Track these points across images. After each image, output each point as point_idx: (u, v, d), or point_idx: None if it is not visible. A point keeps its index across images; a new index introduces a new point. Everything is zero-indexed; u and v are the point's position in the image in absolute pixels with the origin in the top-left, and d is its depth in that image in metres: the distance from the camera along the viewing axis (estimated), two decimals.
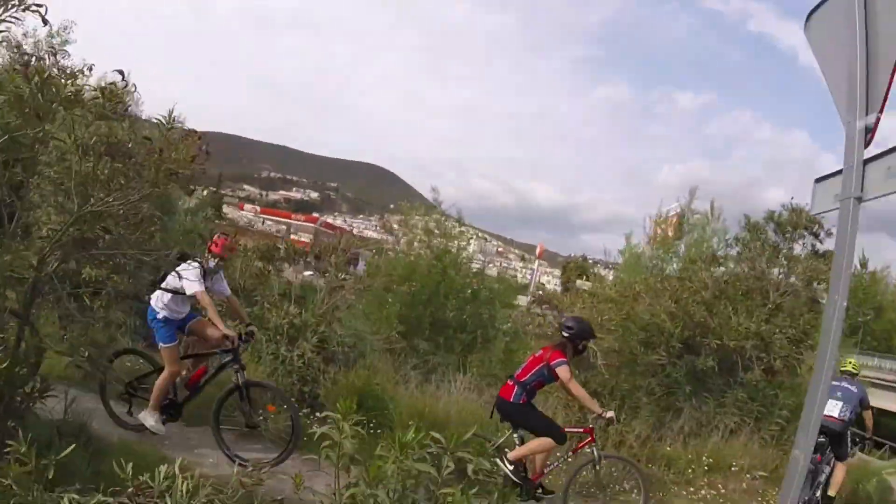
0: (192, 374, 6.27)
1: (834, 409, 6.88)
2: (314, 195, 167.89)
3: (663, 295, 9.13)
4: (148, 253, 7.11)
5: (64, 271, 6.51)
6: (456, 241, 15.45)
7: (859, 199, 3.25)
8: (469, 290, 14.73)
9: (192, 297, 5.95)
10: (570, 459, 6.69)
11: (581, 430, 6.43)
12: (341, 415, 2.85)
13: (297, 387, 7.10)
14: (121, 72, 10.63)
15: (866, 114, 3.20)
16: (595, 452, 6.21)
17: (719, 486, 7.58)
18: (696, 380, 9.26)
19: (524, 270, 72.23)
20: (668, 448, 7.94)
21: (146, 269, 7.75)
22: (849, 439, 7.18)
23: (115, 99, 9.13)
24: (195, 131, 8.94)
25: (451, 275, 14.37)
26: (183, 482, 2.99)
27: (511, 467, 6.03)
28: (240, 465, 5.24)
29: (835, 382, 7.12)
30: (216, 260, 6.17)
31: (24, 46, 12.40)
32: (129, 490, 2.86)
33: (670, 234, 13.86)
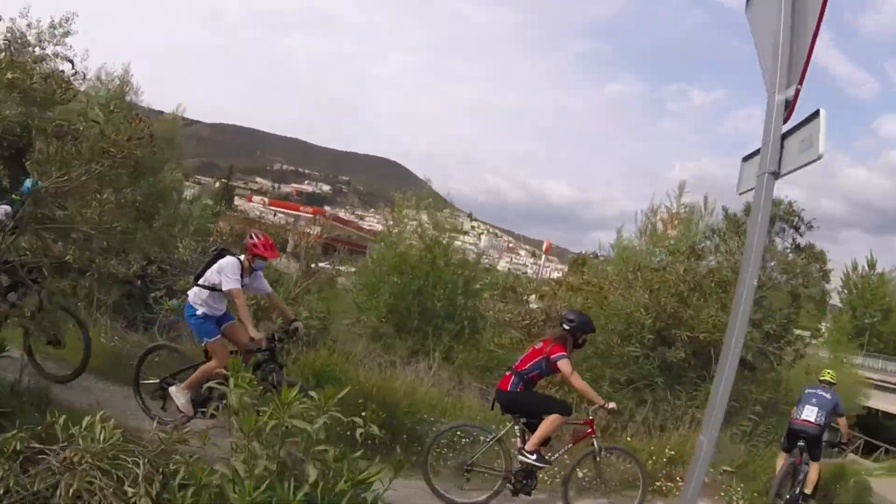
0: (214, 375, 6.00)
1: (811, 414, 7.41)
2: (326, 188, 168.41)
3: (636, 286, 9.13)
4: (100, 227, 7.31)
5: (28, 244, 6.75)
6: (447, 233, 15.56)
7: (775, 174, 3.26)
8: (459, 281, 14.83)
9: (229, 294, 5.89)
10: (569, 451, 6.66)
11: (581, 421, 6.42)
12: (232, 373, 2.93)
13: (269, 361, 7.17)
14: (70, 60, 10.71)
15: (787, 87, 3.23)
16: (595, 444, 6.25)
17: (678, 478, 7.54)
18: (668, 372, 9.28)
19: (534, 266, 72.23)
20: (630, 439, 7.96)
21: (96, 242, 7.96)
22: (823, 442, 7.62)
23: (63, 85, 9.31)
24: (138, 115, 9.09)
25: (440, 265, 14.47)
26: (101, 430, 3.12)
27: (534, 457, 6.05)
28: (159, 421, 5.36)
29: (811, 390, 7.68)
30: (258, 259, 6.04)
31: (28, 37, 12.67)
32: (39, 428, 2.98)
33: (662, 228, 13.85)
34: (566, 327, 6.26)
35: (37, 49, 12.96)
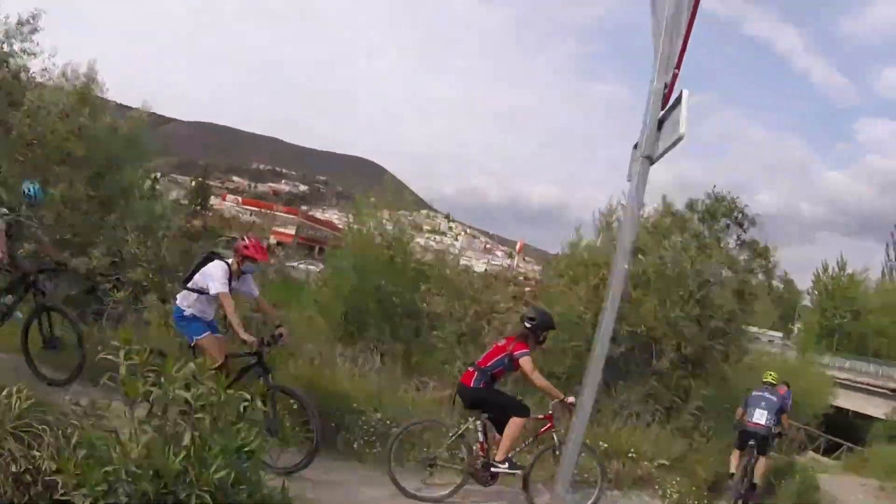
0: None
1: (761, 417, 8.46)
2: (303, 188, 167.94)
3: (578, 282, 9.39)
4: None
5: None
6: (409, 231, 15.75)
7: (649, 158, 3.46)
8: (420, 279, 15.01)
9: (216, 298, 5.90)
10: (529, 446, 6.86)
11: (541, 416, 6.61)
12: (122, 344, 3.11)
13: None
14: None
15: (665, 74, 3.42)
16: (556, 438, 6.46)
17: (609, 471, 7.74)
18: (610, 367, 9.49)
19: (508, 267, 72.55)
20: (562, 432, 8.14)
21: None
22: (772, 440, 8.83)
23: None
24: (65, 112, 9.27)
25: (399, 263, 14.65)
26: (16, 400, 3.34)
27: (506, 465, 6.25)
28: None
29: (758, 393, 8.71)
30: (248, 261, 6.09)
31: None
32: None
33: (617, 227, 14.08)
34: (528, 325, 6.44)
35: (4, 46, 13.11)
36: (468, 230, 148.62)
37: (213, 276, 5.88)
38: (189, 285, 6.04)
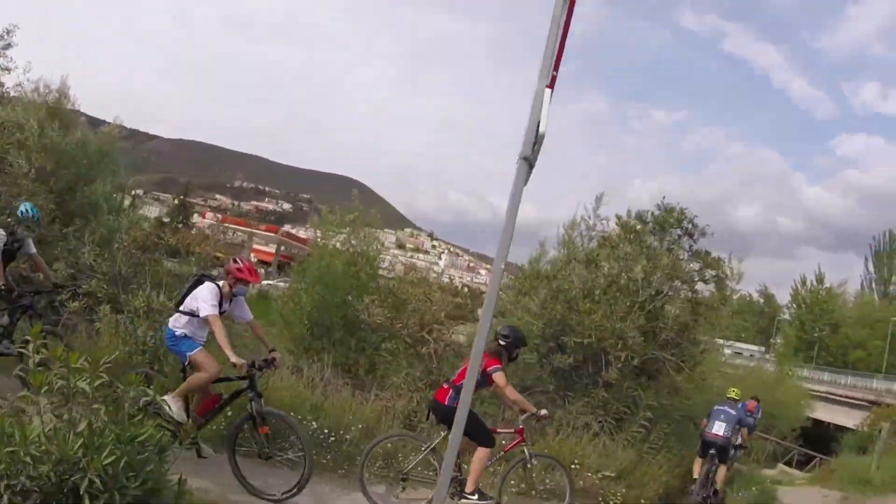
0: (205, 401, 6.10)
1: (719, 429, 9.40)
2: (287, 206, 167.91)
3: (531, 294, 9.64)
4: None
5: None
6: (374, 244, 16.00)
7: (527, 159, 3.60)
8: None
9: (206, 320, 5.87)
10: (499, 461, 7.12)
11: (512, 430, 6.83)
12: (32, 336, 3.33)
13: (148, 365, 7.47)
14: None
15: (547, 76, 3.59)
16: (526, 452, 6.69)
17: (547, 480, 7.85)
18: (560, 378, 9.71)
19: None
20: (503, 442, 8.26)
21: None
22: (731, 449, 9.78)
23: None
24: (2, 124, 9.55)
25: (363, 277, 14.88)
26: None
27: (475, 497, 6.37)
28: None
29: (720, 407, 9.70)
30: (240, 284, 6.09)
31: None
32: None
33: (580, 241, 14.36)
34: (501, 343, 6.68)
35: None
36: (451, 248, 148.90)
37: (204, 298, 5.87)
38: (181, 308, 6.04)
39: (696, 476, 9.56)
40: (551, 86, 3.59)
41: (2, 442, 3.07)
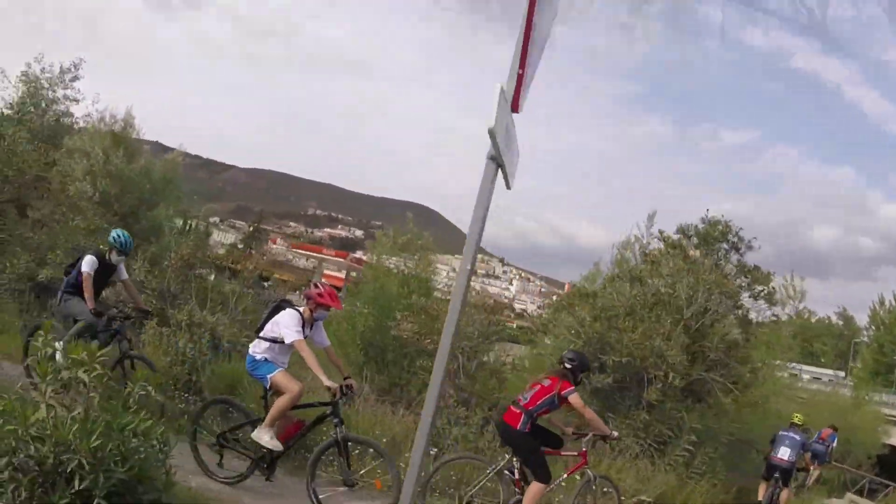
0: (287, 428, 6.12)
1: (784, 454, 9.62)
2: (359, 233, 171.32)
3: (570, 311, 9.62)
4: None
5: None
6: (428, 267, 16.24)
7: (493, 160, 3.52)
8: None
9: (292, 346, 5.95)
10: (563, 483, 7.15)
11: (576, 453, 6.90)
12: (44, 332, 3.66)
13: (187, 375, 7.85)
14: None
15: (513, 77, 3.57)
16: (590, 473, 6.81)
17: None
18: (601, 399, 9.56)
19: None
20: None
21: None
22: (793, 473, 9.93)
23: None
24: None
25: (416, 299, 15.09)
26: None
27: None
28: None
29: (784, 432, 9.85)
30: (321, 309, 6.15)
31: (42, 81, 14.19)
32: None
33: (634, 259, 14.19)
34: (567, 366, 6.75)
35: (48, 92, 14.53)
36: (522, 273, 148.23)
37: (287, 324, 5.92)
38: (261, 334, 6.09)
39: (760, 498, 9.84)
40: (518, 87, 3.57)
41: (7, 422, 3.37)
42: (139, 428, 3.59)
